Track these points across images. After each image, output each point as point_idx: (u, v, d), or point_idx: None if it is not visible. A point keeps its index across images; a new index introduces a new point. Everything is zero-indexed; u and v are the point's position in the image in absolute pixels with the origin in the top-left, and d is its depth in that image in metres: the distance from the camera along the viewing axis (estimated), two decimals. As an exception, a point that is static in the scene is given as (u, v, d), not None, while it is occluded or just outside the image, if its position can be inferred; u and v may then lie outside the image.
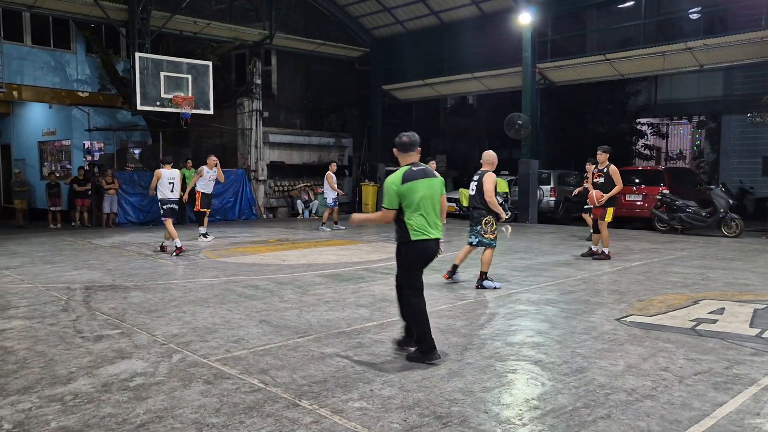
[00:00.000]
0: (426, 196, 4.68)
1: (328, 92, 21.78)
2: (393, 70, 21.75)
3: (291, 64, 21.24)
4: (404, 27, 20.99)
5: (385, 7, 20.32)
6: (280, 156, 20.71)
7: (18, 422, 3.54)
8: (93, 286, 7.73)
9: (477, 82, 20.10)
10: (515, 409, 3.76)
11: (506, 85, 19.58)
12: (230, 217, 18.14)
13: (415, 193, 4.63)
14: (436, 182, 4.85)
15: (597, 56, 17.18)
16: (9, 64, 16.80)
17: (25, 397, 3.94)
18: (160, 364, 4.59)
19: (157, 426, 3.48)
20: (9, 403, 3.82)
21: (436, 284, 7.85)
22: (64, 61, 18.53)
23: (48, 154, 20.38)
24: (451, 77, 20.15)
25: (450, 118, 27.97)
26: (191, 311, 6.32)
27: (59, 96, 18.39)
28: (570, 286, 7.78)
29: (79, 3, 15.70)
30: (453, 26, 19.93)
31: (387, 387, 4.10)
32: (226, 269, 9.15)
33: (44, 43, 18.17)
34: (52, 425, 3.50)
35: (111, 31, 18.72)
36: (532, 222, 17.46)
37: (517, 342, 5.22)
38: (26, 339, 5.32)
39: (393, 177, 4.71)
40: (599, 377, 4.31)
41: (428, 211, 4.69)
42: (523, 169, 17.70)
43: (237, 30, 18.50)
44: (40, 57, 17.99)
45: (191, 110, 15.80)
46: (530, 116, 17.42)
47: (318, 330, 5.57)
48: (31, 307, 6.55)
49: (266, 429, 3.45)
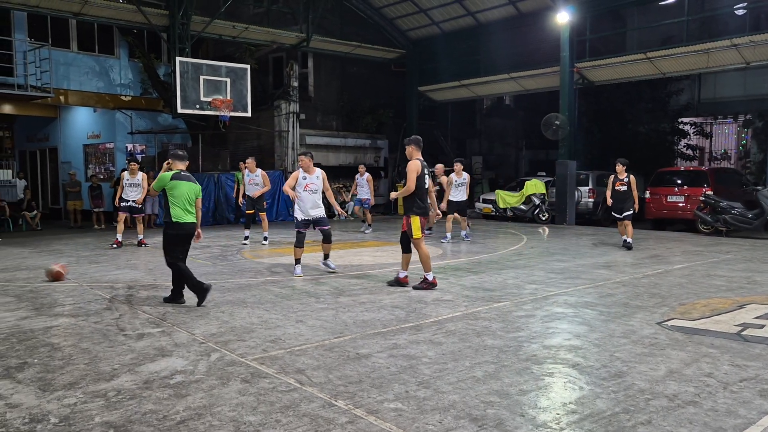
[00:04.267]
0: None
1: (364, 94, 21.87)
2: (429, 71, 21.71)
3: (327, 67, 21.41)
4: (440, 28, 20.94)
5: (421, 9, 20.31)
6: (317, 157, 20.65)
7: (64, 417, 3.65)
8: (135, 285, 7.92)
9: (513, 83, 19.91)
10: (552, 413, 3.70)
11: (543, 86, 19.35)
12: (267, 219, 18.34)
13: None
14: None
15: (637, 55, 16.82)
16: (56, 69, 17.35)
17: (70, 392, 4.06)
18: (199, 362, 4.68)
19: (197, 423, 3.55)
20: (56, 398, 3.95)
21: (471, 286, 7.80)
22: (108, 66, 19.05)
23: (92, 157, 20.96)
24: (488, 78, 20.02)
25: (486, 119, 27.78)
26: (229, 311, 6.42)
27: (103, 100, 18.92)
28: (609, 289, 7.64)
29: (123, 9, 16.14)
30: (489, 26, 19.79)
31: (422, 388, 4.10)
32: (263, 270, 9.27)
33: (89, 49, 18.72)
34: (96, 420, 3.60)
35: (153, 36, 19.19)
36: (570, 224, 17.21)
37: (555, 345, 5.15)
38: (72, 336, 5.48)
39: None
40: (639, 382, 4.22)
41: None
42: (560, 170, 17.46)
43: (274, 33, 18.74)
44: (85, 62, 18.53)
45: (230, 113, 16.06)
46: (568, 116, 17.18)
47: (354, 331, 5.59)
48: (76, 306, 6.75)
49: (302, 428, 3.48)
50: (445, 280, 8.27)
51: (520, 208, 18.39)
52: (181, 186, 6.80)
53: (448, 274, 8.74)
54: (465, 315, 6.22)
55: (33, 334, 5.53)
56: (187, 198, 6.84)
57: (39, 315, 6.30)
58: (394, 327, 5.74)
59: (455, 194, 12.59)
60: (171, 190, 6.76)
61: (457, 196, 12.58)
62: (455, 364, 4.62)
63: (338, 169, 21.28)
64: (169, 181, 6.78)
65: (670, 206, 15.82)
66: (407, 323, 5.88)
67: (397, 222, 18.67)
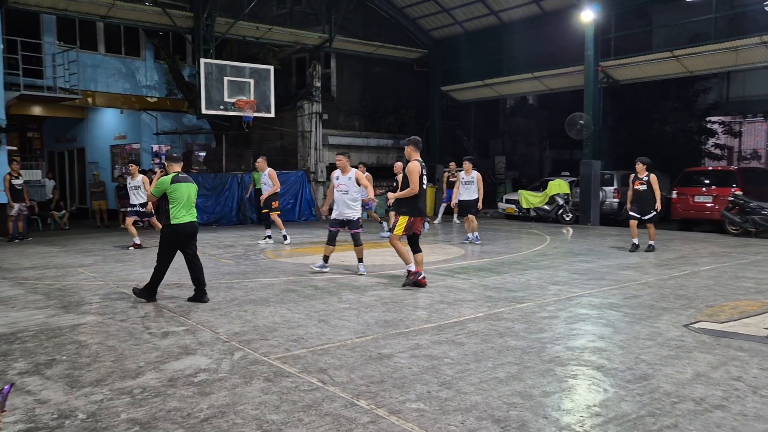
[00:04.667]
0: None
1: (386, 94, 21.88)
2: (451, 71, 21.64)
3: (350, 67, 21.46)
4: (463, 27, 20.86)
5: (443, 8, 20.25)
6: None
7: (91, 413, 3.71)
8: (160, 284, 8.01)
9: (537, 82, 19.76)
10: (576, 416, 3.67)
11: (567, 85, 19.16)
12: (290, 219, 18.45)
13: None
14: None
15: (664, 53, 16.56)
16: (84, 71, 17.66)
17: (97, 389, 4.12)
18: (223, 361, 4.72)
19: (220, 421, 3.58)
20: (83, 395, 4.02)
21: (494, 287, 7.76)
22: (134, 68, 19.33)
23: (119, 157, 21.30)
24: (511, 77, 19.88)
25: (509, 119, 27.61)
26: (252, 310, 6.47)
27: (129, 101, 19.21)
28: (634, 290, 7.54)
29: (149, 12, 16.37)
30: (512, 25, 19.66)
31: (444, 389, 4.08)
32: (286, 269, 9.32)
33: (116, 51, 19.02)
34: (122, 417, 3.65)
35: (178, 38, 19.44)
36: (594, 224, 17.02)
37: (578, 346, 5.10)
38: (98, 334, 5.57)
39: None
40: (665, 385, 4.15)
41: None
42: (584, 170, 17.28)
43: (297, 34, 18.84)
44: (112, 64, 18.83)
45: (253, 113, 16.18)
46: (592, 116, 16.99)
47: (376, 331, 5.60)
48: (102, 304, 6.86)
49: (324, 427, 3.49)
50: (467, 280, 8.24)
51: (543, 208, 18.24)
52: (181, 187, 6.98)
53: (470, 275, 8.70)
54: (487, 316, 6.19)
55: (61, 332, 5.63)
56: (188, 198, 7.03)
57: (67, 313, 6.42)
58: (416, 327, 5.73)
59: (463, 193, 12.56)
60: (172, 193, 6.92)
61: (464, 195, 12.55)
62: (477, 364, 4.60)
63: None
64: (169, 184, 6.93)
65: (697, 206, 15.56)
66: (429, 323, 5.86)
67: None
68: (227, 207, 17.64)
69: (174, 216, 6.89)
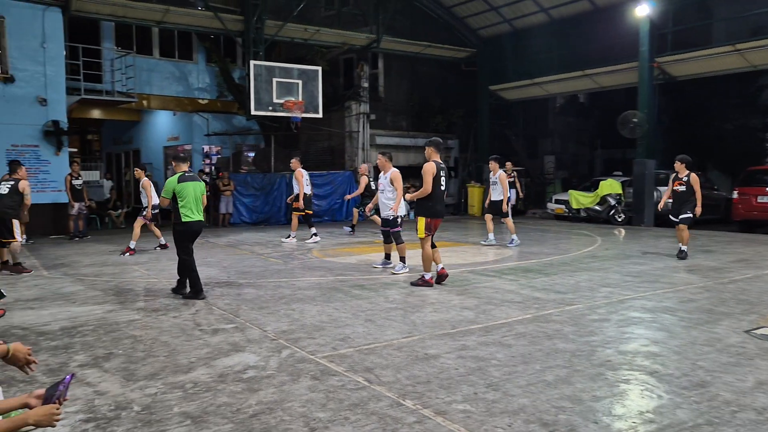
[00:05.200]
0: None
1: (434, 94, 21.80)
2: (500, 70, 21.39)
3: (397, 67, 21.47)
4: (512, 25, 20.59)
5: (492, 6, 20.04)
6: (386, 158, 20.94)
7: (146, 405, 3.83)
8: (210, 282, 8.21)
9: (589, 80, 19.33)
10: (628, 422, 3.56)
11: (620, 82, 18.67)
12: (338, 218, 18.60)
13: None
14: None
15: (725, 47, 15.92)
16: (139, 75, 18.24)
17: (151, 383, 4.25)
18: (271, 358, 4.79)
19: (268, 417, 3.63)
20: (138, 387, 4.14)
21: (542, 288, 7.62)
22: (186, 71, 19.85)
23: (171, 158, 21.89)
24: (561, 75, 19.51)
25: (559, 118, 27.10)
26: (300, 309, 6.54)
27: (182, 104, 19.74)
28: (691, 294, 7.28)
29: (201, 16, 16.78)
30: (563, 22, 19.29)
31: (491, 391, 4.04)
32: (333, 269, 9.39)
33: (170, 55, 19.58)
34: (175, 410, 3.75)
35: (228, 41, 19.86)
36: (648, 225, 16.53)
37: (631, 351, 4.96)
38: (152, 329, 5.74)
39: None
40: (724, 393, 3.99)
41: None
42: (638, 169, 16.80)
43: (345, 35, 18.97)
44: (166, 68, 19.39)
45: (301, 114, 16.37)
46: (646, 114, 16.51)
47: (422, 331, 5.58)
48: (156, 300, 7.07)
49: (370, 426, 3.50)
50: (515, 281, 8.13)
51: (594, 208, 17.83)
52: (188, 186, 7.25)
53: (518, 276, 8.58)
54: (535, 317, 6.08)
55: (118, 327, 5.83)
56: (195, 197, 7.28)
57: (123, 309, 6.64)
58: (463, 328, 5.68)
59: (492, 194, 12.43)
60: (180, 192, 7.19)
61: (493, 195, 12.40)
62: (525, 367, 4.53)
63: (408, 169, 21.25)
64: (177, 184, 7.21)
65: (760, 207, 14.91)
66: (476, 324, 5.81)
67: (465, 223, 18.50)
68: (275, 206, 17.91)
69: (184, 214, 7.20)
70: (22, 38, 14.34)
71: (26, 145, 14.52)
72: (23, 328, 5.77)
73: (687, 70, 17.24)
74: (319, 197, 17.92)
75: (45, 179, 14.63)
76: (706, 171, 21.26)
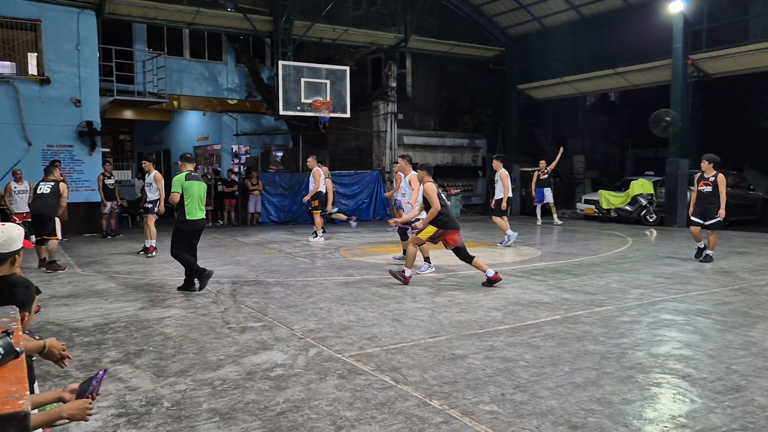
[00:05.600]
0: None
1: (462, 93, 21.70)
2: (529, 68, 21.18)
3: (425, 66, 21.42)
4: (541, 24, 20.37)
5: (521, 5, 19.86)
6: (414, 158, 20.85)
7: (176, 401, 3.88)
8: (239, 280, 8.30)
9: (620, 78, 19.02)
10: (659, 425, 3.50)
11: (652, 80, 18.34)
12: (365, 218, 18.64)
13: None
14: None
15: (762, 43, 15.51)
16: (170, 76, 18.54)
17: (181, 379, 4.31)
18: (298, 357, 4.82)
19: (295, 415, 3.65)
20: (168, 384, 4.21)
21: (571, 289, 7.53)
22: (216, 72, 20.10)
23: (201, 158, 22.20)
24: (591, 74, 19.24)
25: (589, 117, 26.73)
26: (327, 308, 6.57)
27: (212, 104, 20.00)
28: (726, 296, 7.12)
29: (230, 17, 16.97)
30: (594, 20, 19.01)
31: (519, 392, 4.00)
32: (360, 268, 9.41)
33: (200, 56, 19.86)
34: (204, 407, 3.80)
35: (257, 42, 20.05)
36: (681, 226, 16.20)
37: (662, 354, 4.86)
38: (182, 327, 5.82)
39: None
40: (760, 398, 3.89)
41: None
42: (670, 169, 16.48)
43: (373, 35, 19.00)
44: (196, 69, 19.67)
45: (329, 114, 16.44)
46: (680, 112, 16.18)
47: (449, 331, 5.56)
48: (186, 298, 7.17)
49: (396, 426, 3.49)
50: (543, 282, 8.04)
51: (625, 209, 17.55)
52: (194, 185, 7.57)
53: (546, 276, 8.49)
54: (564, 318, 6.01)
55: (148, 324, 5.93)
56: (199, 196, 7.60)
57: (154, 306, 6.75)
58: (491, 329, 5.64)
59: (497, 192, 12.42)
60: (186, 190, 7.50)
61: (496, 194, 12.41)
62: (554, 368, 4.48)
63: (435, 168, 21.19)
64: (184, 181, 7.53)
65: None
66: (504, 325, 5.76)
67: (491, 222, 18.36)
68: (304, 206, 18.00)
69: (189, 212, 7.46)
70: (57, 41, 14.69)
71: (61, 145, 14.87)
72: (58, 324, 5.90)
73: (722, 67, 16.84)
74: (346, 196, 17.99)
75: (79, 179, 14.96)
76: (742, 170, 20.77)
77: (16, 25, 14.32)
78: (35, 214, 9.36)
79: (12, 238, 2.93)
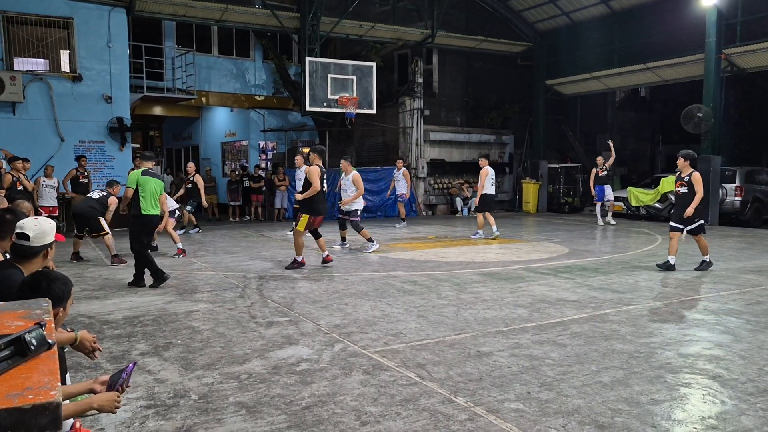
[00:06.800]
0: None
1: (489, 89, 21.53)
2: (557, 64, 20.93)
3: (452, 62, 21.30)
4: (570, 18, 20.10)
5: (549, -1, 19.64)
6: (440, 154, 20.86)
7: (203, 394, 3.94)
8: (265, 275, 8.37)
9: (650, 73, 18.67)
10: (688, 427, 3.44)
11: (684, 75, 17.96)
12: (390, 214, 18.64)
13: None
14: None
15: (798, 37, 15.10)
16: (199, 73, 18.76)
17: (208, 372, 4.37)
18: (324, 352, 4.85)
19: (320, 410, 3.68)
20: (196, 377, 4.27)
21: (599, 287, 7.44)
22: (244, 68, 20.27)
23: (229, 154, 22.42)
24: (621, 69, 18.91)
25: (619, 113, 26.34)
26: (352, 303, 6.59)
27: (239, 100, 20.18)
28: (759, 296, 6.96)
29: (258, 14, 17.09)
30: (624, 14, 18.70)
31: (545, 390, 3.97)
32: (386, 264, 9.43)
33: (228, 52, 20.04)
34: (230, 400, 3.85)
35: (284, 39, 20.16)
36: (713, 224, 15.88)
37: (692, 354, 4.78)
38: (209, 321, 5.90)
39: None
40: (793, 400, 3.80)
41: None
42: (702, 166, 16.08)
43: (399, 31, 18.96)
44: (224, 65, 19.86)
45: (355, 110, 16.46)
46: (712, 108, 15.84)
47: (475, 328, 5.54)
48: (213, 293, 7.26)
49: (421, 422, 3.49)
50: (570, 279, 7.96)
51: (654, 206, 17.25)
52: (150, 182, 7.74)
53: (574, 274, 8.40)
54: (591, 317, 5.94)
55: (177, 317, 6.02)
56: (153, 193, 7.77)
57: (182, 300, 6.85)
58: (517, 326, 5.61)
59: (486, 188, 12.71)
60: (142, 186, 7.67)
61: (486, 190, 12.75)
62: (580, 367, 4.43)
63: (461, 165, 21.12)
64: (140, 176, 7.70)
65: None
66: (530, 323, 5.72)
67: (520, 219, 18.22)
68: (329, 202, 18.07)
69: (144, 208, 7.65)
70: (89, 38, 14.96)
71: (93, 141, 15.17)
72: (89, 317, 6.03)
73: (757, 61, 16.42)
74: (372, 193, 17.99)
75: (110, 174, 15.20)
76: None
77: (49, 23, 14.62)
78: (75, 212, 10.03)
79: (44, 231, 3.00)
